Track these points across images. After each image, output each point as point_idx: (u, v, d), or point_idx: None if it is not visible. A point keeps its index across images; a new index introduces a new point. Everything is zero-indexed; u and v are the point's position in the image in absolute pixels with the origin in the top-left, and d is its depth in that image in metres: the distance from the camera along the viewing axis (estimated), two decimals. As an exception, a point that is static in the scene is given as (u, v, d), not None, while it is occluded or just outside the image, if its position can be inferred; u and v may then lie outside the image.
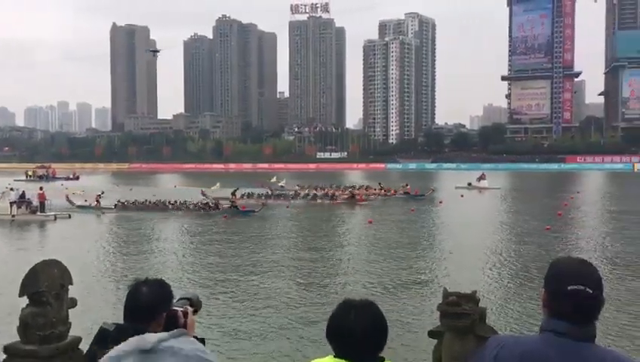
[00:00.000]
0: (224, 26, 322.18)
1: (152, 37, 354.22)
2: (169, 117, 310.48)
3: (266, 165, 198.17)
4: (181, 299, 2.95)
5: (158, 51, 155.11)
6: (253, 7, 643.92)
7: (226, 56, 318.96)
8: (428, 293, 18.03)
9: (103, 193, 49.98)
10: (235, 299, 17.88)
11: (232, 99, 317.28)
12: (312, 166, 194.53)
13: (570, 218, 40.45)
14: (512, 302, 17.18)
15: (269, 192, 58.25)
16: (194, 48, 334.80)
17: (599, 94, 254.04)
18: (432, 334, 4.83)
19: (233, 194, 52.56)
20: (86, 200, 48.59)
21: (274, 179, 72.65)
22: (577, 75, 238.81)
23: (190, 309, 2.87)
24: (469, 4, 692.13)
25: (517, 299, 17.65)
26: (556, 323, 2.34)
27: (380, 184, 61.94)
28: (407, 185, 60.48)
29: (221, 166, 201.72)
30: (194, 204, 45.73)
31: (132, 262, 24.46)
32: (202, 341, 2.57)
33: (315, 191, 57.63)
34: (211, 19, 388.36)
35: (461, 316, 4.63)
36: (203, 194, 54.12)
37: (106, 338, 2.57)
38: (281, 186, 66.70)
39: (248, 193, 56.29)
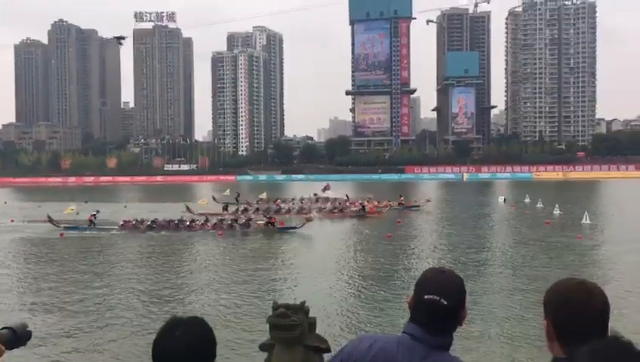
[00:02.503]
0: (61, 30, 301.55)
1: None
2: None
3: (109, 178, 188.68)
4: (3, 328, 2.66)
5: (123, 38, 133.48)
6: (93, 12, 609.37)
7: (63, 62, 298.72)
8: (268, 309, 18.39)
9: (98, 211, 44.04)
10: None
11: (70, 108, 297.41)
12: (159, 178, 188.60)
13: (408, 225, 43.42)
14: (347, 310, 18.04)
15: (247, 207, 54.53)
16: (26, 53, 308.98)
17: (432, 110, 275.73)
18: (262, 347, 5.03)
19: (225, 209, 50.57)
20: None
21: (227, 192, 68.20)
22: (413, 91, 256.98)
23: None
24: (316, 21, 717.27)
25: (352, 307, 18.55)
26: (413, 327, 2.43)
27: (346, 196, 61.34)
28: (401, 196, 60.75)
29: (59, 179, 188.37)
30: (218, 222, 40.64)
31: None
32: None
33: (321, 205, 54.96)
34: (46, 23, 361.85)
35: (290, 327, 4.86)
36: (188, 210, 49.52)
37: None
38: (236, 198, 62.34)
39: (245, 208, 53.25)
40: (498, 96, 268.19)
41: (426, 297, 2.38)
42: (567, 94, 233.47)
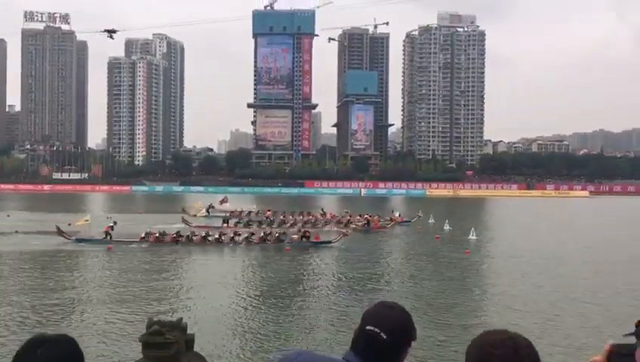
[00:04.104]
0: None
1: None
2: None
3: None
4: None
5: (115, 32, 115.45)
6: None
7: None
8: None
9: (115, 223, 40.06)
10: None
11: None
12: (46, 187, 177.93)
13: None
14: (234, 327, 17.78)
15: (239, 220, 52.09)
16: None
17: (333, 125, 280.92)
18: (137, 368, 4.85)
19: (226, 222, 48.70)
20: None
21: (199, 204, 64.50)
22: (314, 107, 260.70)
23: None
24: (218, 32, 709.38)
25: (238, 324, 18.26)
26: (352, 356, 2.40)
27: (322, 210, 59.07)
28: (393, 211, 59.63)
29: None
30: (249, 236, 38.83)
31: None
32: None
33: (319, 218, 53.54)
34: None
35: (164, 345, 4.69)
36: (185, 222, 47.43)
37: None
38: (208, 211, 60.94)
39: (247, 222, 50.76)
40: (395, 115, 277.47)
41: (367, 328, 2.36)
42: (458, 116, 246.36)
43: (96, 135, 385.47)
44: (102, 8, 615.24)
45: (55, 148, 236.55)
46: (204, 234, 38.20)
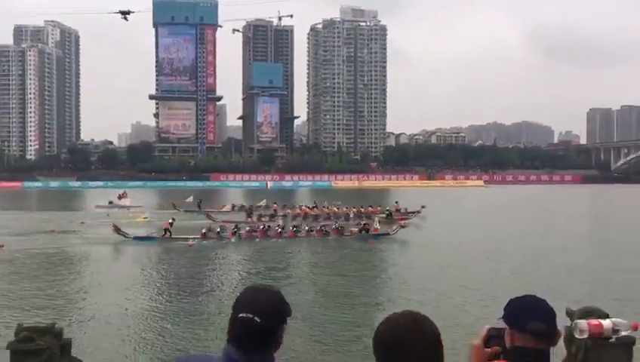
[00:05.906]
0: None
1: None
2: None
3: None
4: None
5: (129, 13, 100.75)
6: None
7: None
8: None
9: (174, 219, 37.53)
10: None
11: None
12: None
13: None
14: (145, 328, 17.16)
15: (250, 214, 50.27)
16: None
17: (239, 118, 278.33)
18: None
19: (249, 215, 49.00)
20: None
21: (190, 199, 61.07)
22: (219, 99, 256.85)
23: None
24: (116, 20, 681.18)
25: (150, 324, 17.63)
26: (229, 349, 2.34)
27: (314, 202, 57.29)
28: (397, 202, 58.71)
29: None
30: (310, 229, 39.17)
31: None
32: None
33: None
34: None
35: (35, 352, 4.59)
36: (209, 217, 46.79)
37: None
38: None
39: (271, 214, 50.13)
40: (301, 108, 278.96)
41: (240, 316, 2.31)
42: (361, 108, 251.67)
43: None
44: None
45: None
46: (265, 228, 38.54)
